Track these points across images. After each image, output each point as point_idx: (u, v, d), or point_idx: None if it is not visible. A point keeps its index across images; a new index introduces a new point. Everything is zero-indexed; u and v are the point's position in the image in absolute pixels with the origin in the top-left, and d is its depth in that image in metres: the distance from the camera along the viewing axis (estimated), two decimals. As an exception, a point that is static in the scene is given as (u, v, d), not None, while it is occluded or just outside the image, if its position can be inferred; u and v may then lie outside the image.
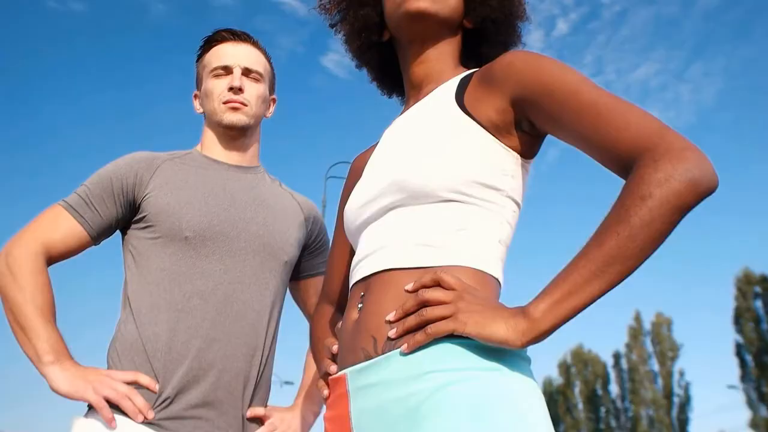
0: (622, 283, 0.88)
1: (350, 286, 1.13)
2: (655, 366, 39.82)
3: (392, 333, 0.96)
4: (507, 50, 1.25)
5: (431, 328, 0.92)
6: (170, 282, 1.50)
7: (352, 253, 1.35)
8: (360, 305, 1.06)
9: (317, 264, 1.80)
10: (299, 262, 1.76)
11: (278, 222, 1.67)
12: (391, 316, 0.98)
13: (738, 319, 34.12)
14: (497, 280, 1.03)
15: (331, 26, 1.36)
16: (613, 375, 42.73)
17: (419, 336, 0.92)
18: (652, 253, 0.86)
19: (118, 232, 1.63)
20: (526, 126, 1.06)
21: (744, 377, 33.47)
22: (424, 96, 1.21)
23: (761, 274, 33.91)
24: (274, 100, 1.83)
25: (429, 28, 1.19)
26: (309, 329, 1.59)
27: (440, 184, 1.02)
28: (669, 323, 39.77)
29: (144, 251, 1.55)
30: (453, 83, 1.16)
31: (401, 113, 1.29)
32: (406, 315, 0.96)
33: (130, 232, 1.59)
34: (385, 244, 1.06)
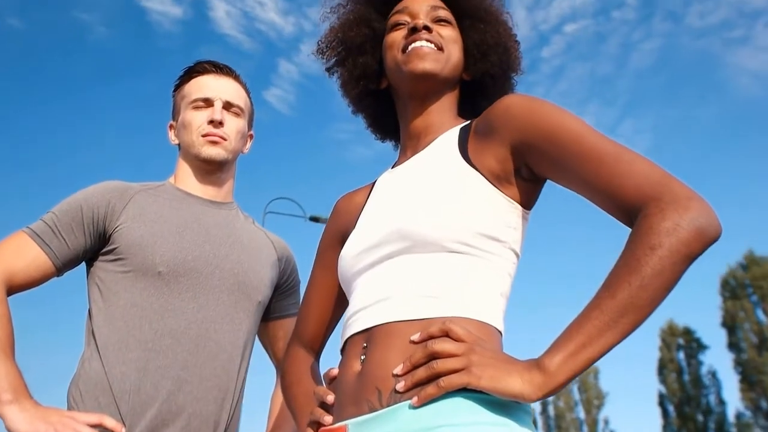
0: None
1: (346, 336, 1.10)
2: (581, 414, 40.39)
3: (400, 386, 0.93)
4: None
5: (444, 382, 0.89)
6: (140, 318, 1.43)
7: (332, 295, 1.32)
8: (363, 357, 1.03)
9: (287, 305, 1.76)
10: (269, 302, 1.71)
11: (253, 260, 1.62)
12: (398, 369, 0.95)
13: (662, 370, 35.02)
14: (500, 332, 1.03)
15: (327, 70, 1.36)
16: (540, 422, 43.07)
17: (431, 389, 0.90)
18: (662, 301, 0.86)
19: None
20: (525, 172, 1.06)
21: (666, 427, 34.23)
22: (424, 146, 1.21)
23: (685, 326, 35.08)
24: (251, 136, 1.80)
25: (432, 87, 1.21)
26: (281, 372, 1.54)
27: (446, 234, 1.01)
28: (596, 372, 40.50)
29: (112, 285, 1.47)
30: (453, 134, 1.17)
31: (398, 162, 1.29)
32: (415, 367, 0.94)
33: (98, 264, 1.52)
34: (388, 295, 1.04)
